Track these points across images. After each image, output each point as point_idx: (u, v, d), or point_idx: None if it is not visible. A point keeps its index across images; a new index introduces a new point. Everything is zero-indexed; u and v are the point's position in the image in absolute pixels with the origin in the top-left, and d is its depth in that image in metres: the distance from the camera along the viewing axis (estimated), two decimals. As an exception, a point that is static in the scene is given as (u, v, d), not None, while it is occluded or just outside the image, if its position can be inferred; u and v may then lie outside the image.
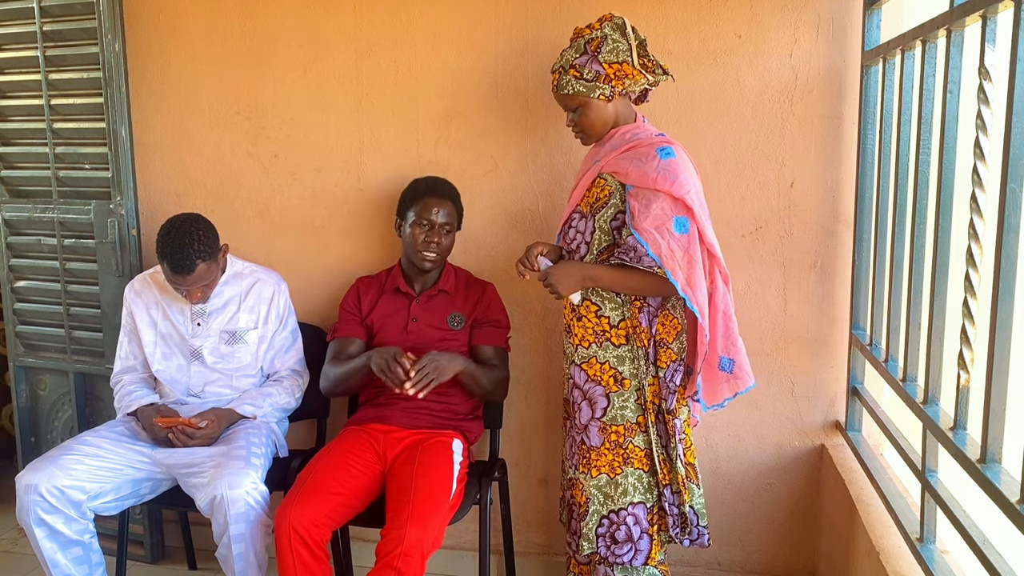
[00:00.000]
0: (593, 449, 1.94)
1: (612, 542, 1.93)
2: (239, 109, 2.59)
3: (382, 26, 2.45)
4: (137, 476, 2.15)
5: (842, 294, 2.28)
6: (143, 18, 2.60)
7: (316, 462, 2.10)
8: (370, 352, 2.15)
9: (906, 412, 1.73)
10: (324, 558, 1.93)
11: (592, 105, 1.91)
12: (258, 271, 2.42)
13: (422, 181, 2.32)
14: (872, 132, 2.09)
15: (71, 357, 2.75)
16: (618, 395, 1.91)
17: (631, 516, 1.91)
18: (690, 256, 1.79)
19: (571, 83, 1.89)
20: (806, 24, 2.20)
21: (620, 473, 1.92)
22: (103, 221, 2.60)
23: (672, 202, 1.79)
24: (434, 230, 2.24)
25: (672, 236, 1.78)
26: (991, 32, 1.35)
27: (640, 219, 1.80)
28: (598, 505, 1.94)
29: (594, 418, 1.93)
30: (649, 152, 1.84)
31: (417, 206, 2.25)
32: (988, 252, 1.35)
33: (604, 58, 1.85)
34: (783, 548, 2.42)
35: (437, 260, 2.27)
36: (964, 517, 1.43)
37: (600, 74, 1.86)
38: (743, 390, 1.92)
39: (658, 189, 1.80)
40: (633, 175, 1.84)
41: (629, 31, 1.88)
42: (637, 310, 1.90)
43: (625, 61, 1.86)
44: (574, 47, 1.90)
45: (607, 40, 1.86)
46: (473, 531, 2.34)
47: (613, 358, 1.92)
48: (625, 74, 1.87)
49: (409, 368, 2.04)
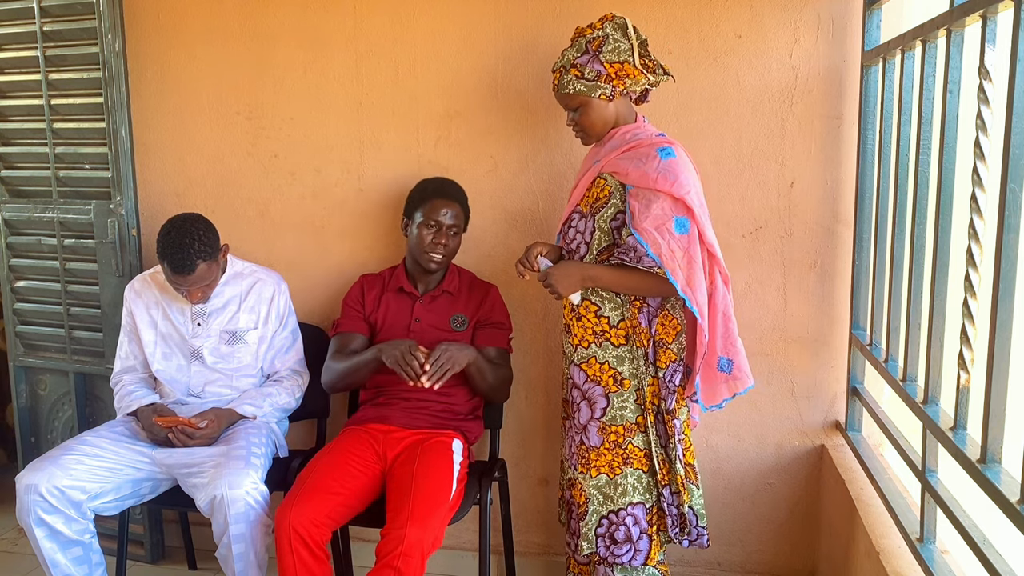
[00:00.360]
0: (592, 449, 1.94)
1: (611, 542, 1.93)
2: (239, 109, 2.59)
3: (382, 26, 2.45)
4: (137, 476, 2.15)
5: (842, 294, 2.28)
6: (143, 18, 2.60)
7: (316, 462, 2.10)
8: (380, 346, 2.14)
9: (906, 412, 1.73)
10: (324, 558, 1.94)
11: (593, 105, 1.91)
12: (258, 271, 2.42)
13: (431, 182, 2.31)
14: (872, 132, 2.09)
15: (71, 357, 2.75)
16: (617, 395, 1.92)
17: (630, 516, 1.92)
18: (690, 256, 1.79)
19: (572, 82, 1.89)
20: (806, 24, 2.20)
21: (619, 473, 1.92)
22: (103, 221, 2.60)
23: (672, 202, 1.79)
24: (442, 231, 2.24)
25: (672, 236, 1.79)
26: (991, 32, 1.35)
27: (640, 219, 1.80)
28: (597, 505, 1.94)
29: (593, 418, 1.94)
30: (649, 152, 1.84)
31: (425, 207, 2.24)
32: (988, 252, 1.35)
33: (605, 58, 1.86)
34: (783, 548, 2.42)
35: (443, 261, 2.27)
36: (964, 517, 1.43)
37: (601, 74, 1.86)
38: (742, 391, 1.92)
39: (658, 189, 1.80)
40: (633, 175, 1.84)
41: (631, 31, 1.88)
42: (637, 310, 1.90)
43: (626, 61, 1.86)
44: (575, 46, 1.90)
45: (608, 40, 1.86)
46: (473, 531, 2.34)
47: (612, 358, 1.92)
48: (626, 74, 1.87)
49: (424, 361, 2.04)
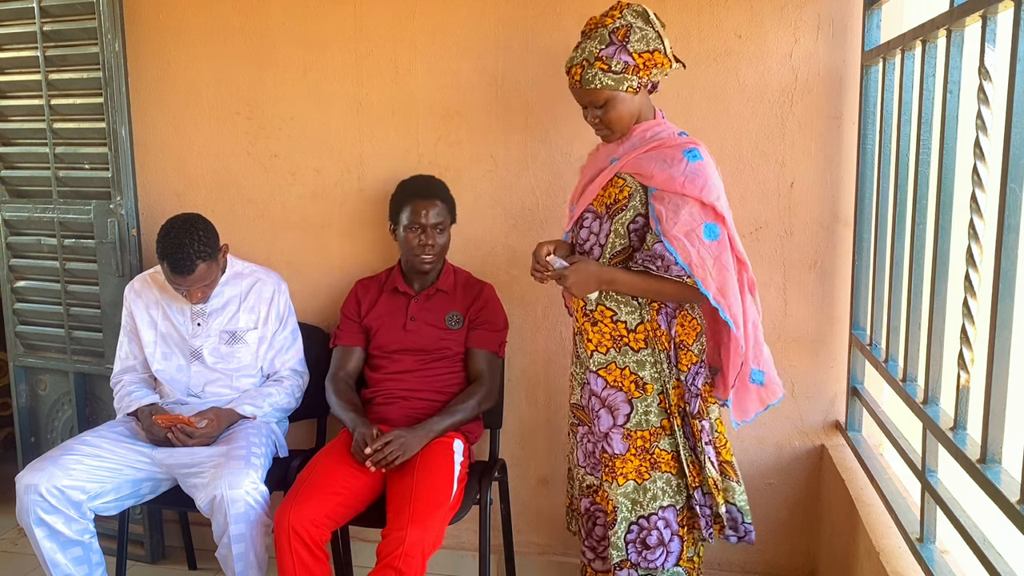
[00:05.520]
0: (617, 457, 1.84)
1: (643, 547, 1.85)
2: (239, 109, 2.59)
3: (382, 26, 2.45)
4: (137, 476, 2.15)
5: (842, 294, 2.28)
6: (143, 18, 2.60)
7: (316, 462, 2.10)
8: (357, 423, 2.13)
9: (906, 412, 1.73)
10: (323, 558, 1.94)
11: (620, 99, 1.79)
12: (258, 271, 2.42)
13: (408, 183, 2.30)
14: (872, 132, 2.09)
15: (71, 357, 2.75)
16: (641, 400, 1.83)
17: (661, 520, 1.84)
18: (721, 264, 1.71)
19: (598, 76, 1.75)
20: (806, 24, 2.20)
21: (648, 479, 1.84)
22: (103, 221, 2.59)
23: (701, 208, 1.71)
24: (427, 232, 2.23)
25: (702, 243, 1.71)
26: (991, 32, 1.35)
27: (669, 225, 1.71)
28: (626, 512, 1.85)
29: (616, 425, 1.84)
30: (675, 154, 1.75)
31: (407, 210, 2.23)
32: (988, 252, 1.35)
33: (634, 47, 1.73)
34: (783, 548, 2.42)
35: (435, 260, 2.27)
36: (964, 517, 1.43)
37: (630, 65, 1.74)
38: (775, 401, 1.84)
39: (686, 194, 1.71)
40: (659, 178, 1.75)
41: (652, 18, 1.76)
42: (655, 312, 1.81)
43: (656, 49, 1.75)
44: (595, 38, 1.76)
45: (633, 29, 1.74)
46: (473, 531, 2.34)
47: (633, 363, 1.83)
48: (655, 63, 1.76)
49: (371, 446, 2.03)
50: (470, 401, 2.21)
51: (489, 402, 2.27)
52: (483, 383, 2.26)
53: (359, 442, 2.06)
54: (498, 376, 2.32)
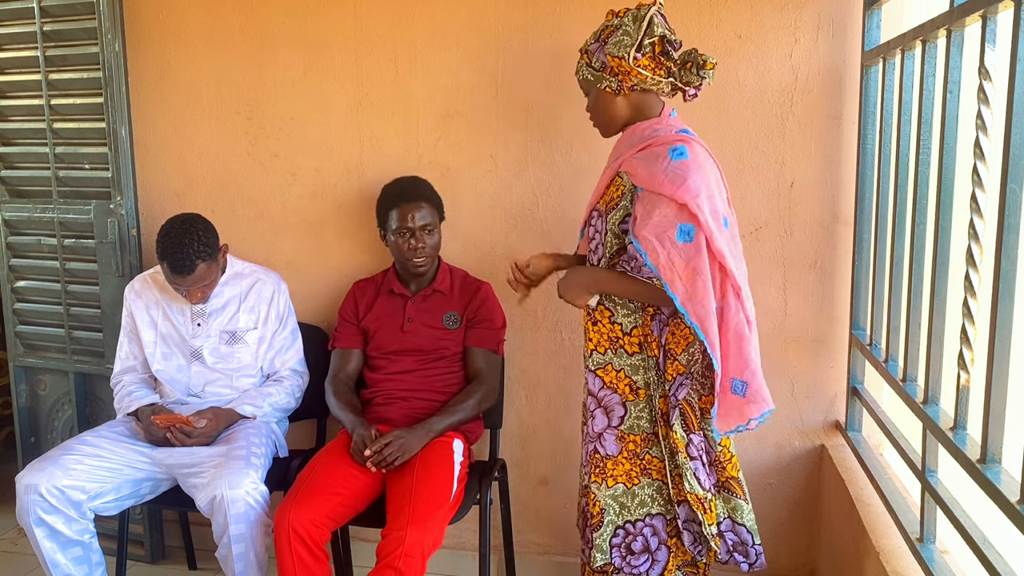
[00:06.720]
0: (609, 458, 1.83)
1: (628, 552, 1.83)
2: (239, 109, 2.59)
3: (382, 26, 2.45)
4: (137, 476, 2.15)
5: (842, 294, 2.28)
6: (143, 18, 2.60)
7: (316, 462, 2.10)
8: (356, 425, 2.13)
9: (906, 412, 1.73)
10: (323, 558, 1.94)
11: (599, 95, 1.80)
12: (258, 271, 2.42)
13: (391, 187, 2.29)
14: (872, 132, 2.09)
15: (71, 357, 2.75)
16: (634, 404, 1.81)
17: (648, 527, 1.82)
18: (693, 267, 1.64)
19: (582, 68, 1.80)
20: (806, 24, 2.20)
21: (637, 484, 1.82)
22: (103, 221, 2.59)
23: (677, 208, 1.64)
24: (416, 235, 2.22)
25: (674, 245, 1.64)
26: (991, 32, 1.35)
27: (640, 226, 1.67)
28: (613, 515, 1.83)
29: (610, 427, 1.83)
30: (661, 152, 1.70)
31: (393, 215, 2.23)
32: (988, 252, 1.35)
33: (608, 50, 1.73)
34: (783, 548, 2.42)
35: (427, 262, 2.27)
36: (964, 517, 1.43)
37: (606, 65, 1.74)
38: (757, 416, 1.69)
39: (662, 193, 1.65)
40: (642, 176, 1.71)
41: (646, 25, 1.69)
42: (649, 318, 1.78)
43: (622, 57, 1.71)
44: (597, 30, 1.79)
45: (617, 31, 1.72)
46: (473, 531, 2.34)
47: (627, 366, 1.81)
48: (625, 70, 1.72)
49: (371, 447, 2.03)
50: (470, 400, 2.21)
51: (489, 401, 2.27)
52: (482, 382, 2.26)
53: (358, 444, 2.07)
54: (497, 374, 2.32)
